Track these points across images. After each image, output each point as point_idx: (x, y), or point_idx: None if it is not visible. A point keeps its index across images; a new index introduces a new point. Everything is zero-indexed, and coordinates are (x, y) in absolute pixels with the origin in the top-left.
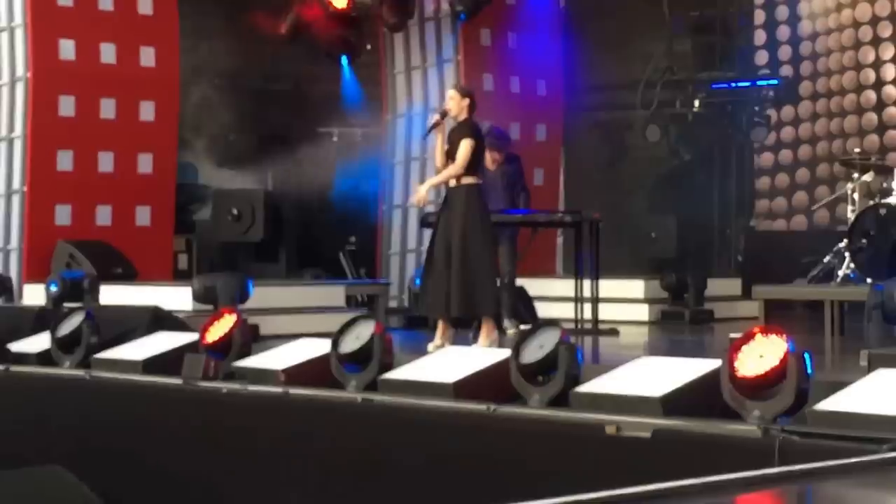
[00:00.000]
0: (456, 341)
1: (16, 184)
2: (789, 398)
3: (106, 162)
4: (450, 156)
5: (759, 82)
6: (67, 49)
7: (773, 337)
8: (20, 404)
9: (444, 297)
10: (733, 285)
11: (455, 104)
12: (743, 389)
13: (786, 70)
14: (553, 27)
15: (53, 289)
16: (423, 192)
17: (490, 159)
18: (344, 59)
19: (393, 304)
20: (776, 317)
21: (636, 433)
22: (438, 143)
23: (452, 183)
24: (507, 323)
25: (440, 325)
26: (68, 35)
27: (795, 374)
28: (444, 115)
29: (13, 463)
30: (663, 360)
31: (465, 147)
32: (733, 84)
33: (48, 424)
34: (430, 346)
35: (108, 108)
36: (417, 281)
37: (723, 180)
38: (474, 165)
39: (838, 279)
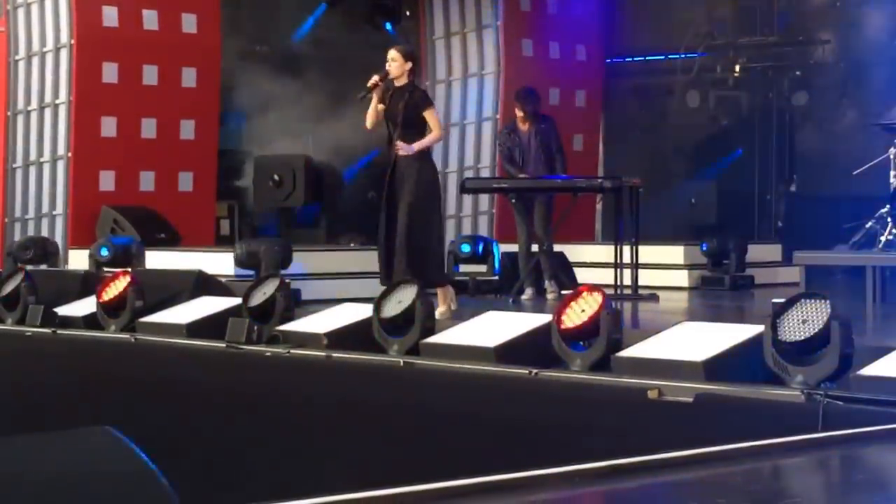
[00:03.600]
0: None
1: (60, 150)
2: (833, 363)
3: (149, 128)
4: (390, 119)
5: (800, 46)
6: (110, 16)
7: (815, 302)
8: (67, 367)
9: (387, 266)
10: (773, 251)
11: (397, 67)
12: (786, 354)
13: (826, 34)
14: None
15: (105, 254)
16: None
17: (519, 119)
18: (388, 25)
19: None
20: (817, 283)
21: (678, 398)
22: (373, 104)
23: (402, 154)
24: (548, 284)
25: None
26: (111, 2)
27: (839, 339)
28: (383, 77)
29: (60, 424)
30: (705, 325)
31: (434, 118)
32: (773, 48)
33: (94, 387)
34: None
35: (150, 75)
36: (464, 247)
37: (763, 145)
38: (422, 133)
39: (880, 245)
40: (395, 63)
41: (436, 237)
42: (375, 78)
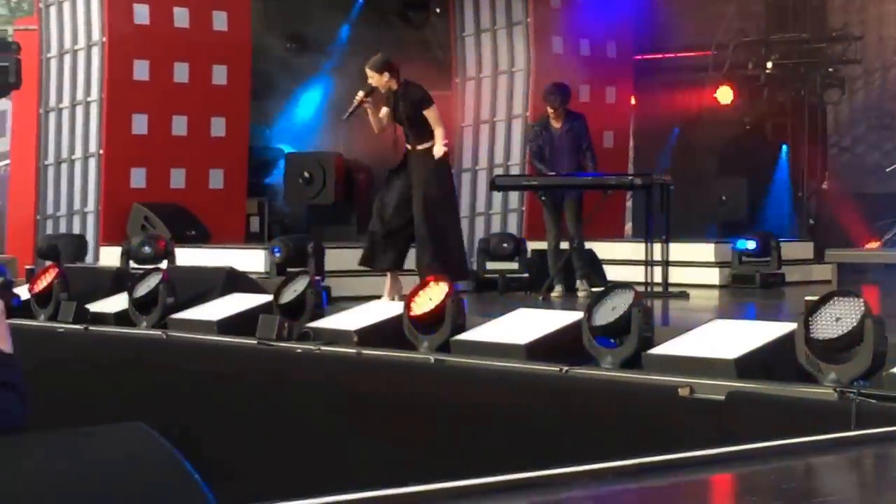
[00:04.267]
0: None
1: (92, 147)
2: (866, 361)
3: (179, 125)
4: (399, 122)
5: (833, 42)
6: (142, 14)
7: (849, 299)
8: (99, 364)
9: (383, 252)
10: (805, 248)
11: (376, 81)
12: (819, 352)
13: (858, 30)
14: None
15: (147, 251)
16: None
17: (551, 116)
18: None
19: None
20: (849, 280)
21: (710, 395)
22: (371, 113)
23: (409, 147)
24: (579, 283)
25: (388, 277)
26: (142, 0)
27: (872, 337)
28: (369, 92)
29: (92, 420)
30: (736, 322)
31: (432, 114)
32: (806, 45)
33: (126, 383)
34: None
35: (181, 72)
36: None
37: (795, 142)
38: (432, 131)
39: None
40: (373, 79)
41: (452, 225)
42: (360, 94)
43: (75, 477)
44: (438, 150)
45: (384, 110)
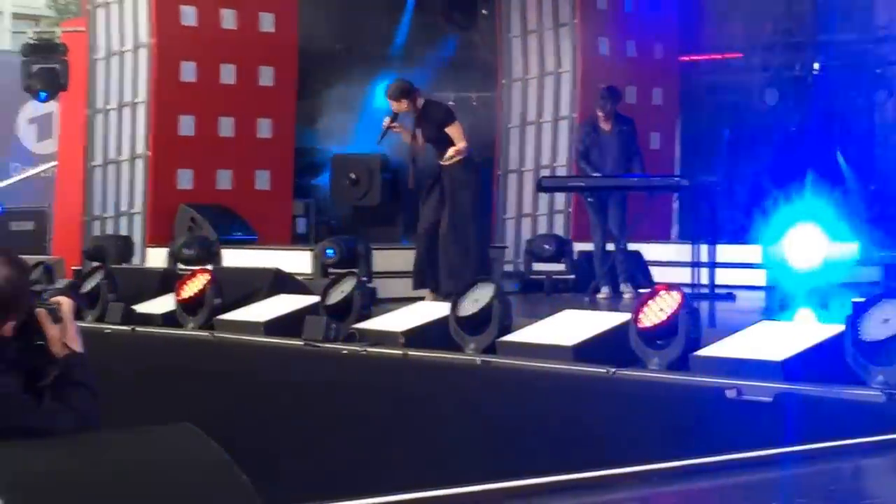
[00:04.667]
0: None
1: (139, 148)
2: None
3: (226, 126)
4: (429, 142)
5: (881, 42)
6: (189, 15)
7: None
8: (146, 365)
9: (428, 267)
10: (852, 250)
11: (397, 107)
12: (867, 354)
13: None
14: None
15: (187, 252)
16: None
17: (601, 118)
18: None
19: (508, 268)
20: None
21: (757, 397)
22: (405, 137)
23: (442, 162)
24: (623, 286)
25: (427, 294)
26: (190, 2)
27: None
28: (394, 117)
29: (139, 421)
30: (783, 324)
31: (454, 130)
32: (853, 46)
33: (172, 384)
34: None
35: (228, 74)
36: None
37: (842, 144)
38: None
39: None
40: (394, 106)
41: (474, 242)
42: (387, 120)
43: (126, 476)
44: (452, 153)
45: (406, 134)
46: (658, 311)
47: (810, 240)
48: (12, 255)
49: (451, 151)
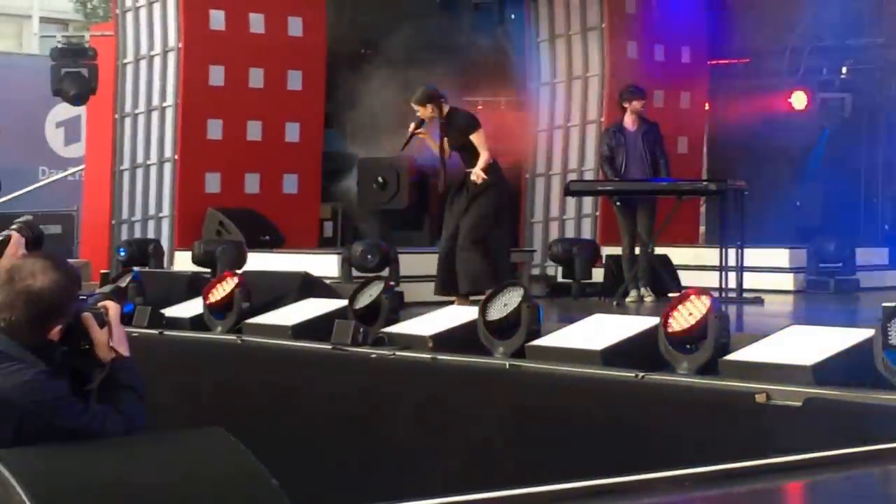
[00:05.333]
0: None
1: (167, 152)
2: None
3: (254, 130)
4: (454, 149)
5: None
6: (217, 19)
7: None
8: (174, 368)
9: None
10: (880, 254)
11: (423, 113)
12: None
13: None
14: None
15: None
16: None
17: (627, 119)
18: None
19: (535, 271)
20: None
21: (787, 402)
22: (430, 143)
23: (468, 170)
24: (643, 291)
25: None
26: (218, 6)
27: None
28: (419, 124)
29: (168, 425)
30: (813, 328)
31: (478, 139)
32: (881, 49)
33: (201, 388)
34: None
35: (256, 78)
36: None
37: (870, 148)
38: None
39: None
40: (419, 112)
41: (495, 248)
42: (412, 126)
43: (157, 479)
44: (478, 174)
45: (430, 141)
46: (687, 315)
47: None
48: (60, 259)
49: (477, 169)
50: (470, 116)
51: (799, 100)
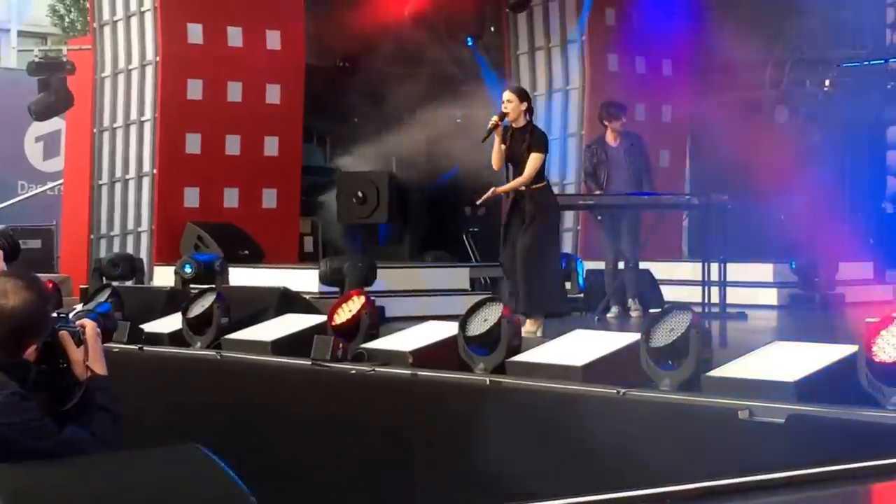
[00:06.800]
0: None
1: (146, 166)
2: None
3: (233, 145)
4: (510, 160)
5: (892, 59)
6: (195, 33)
7: None
8: (153, 384)
9: (513, 295)
10: (865, 269)
11: (514, 108)
12: (881, 375)
13: None
14: (678, 6)
15: (188, 271)
16: (490, 195)
17: (608, 134)
18: (469, 41)
19: None
20: None
21: (770, 418)
22: (496, 145)
23: (522, 189)
24: (631, 303)
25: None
26: (196, 19)
27: None
28: (502, 117)
29: (147, 441)
30: (796, 344)
31: (534, 161)
32: (865, 62)
33: (180, 404)
34: (523, 331)
35: (234, 92)
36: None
37: (854, 161)
38: (541, 173)
39: None
40: (512, 104)
41: (551, 269)
42: (494, 118)
43: (134, 497)
44: (503, 189)
45: (498, 139)
46: (668, 331)
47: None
48: (31, 278)
49: (510, 185)
50: (545, 136)
51: (781, 112)
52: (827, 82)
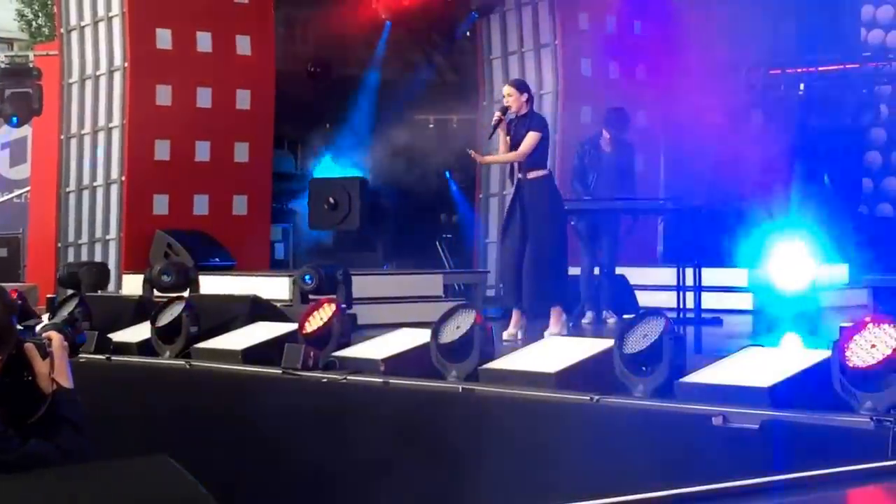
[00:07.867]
0: (529, 329)
1: (114, 173)
2: None
3: (203, 151)
4: (515, 148)
5: (866, 65)
6: (164, 38)
7: (885, 326)
8: (121, 394)
9: (517, 288)
10: (841, 272)
11: (514, 100)
12: (854, 380)
13: (893, 52)
14: (651, 10)
15: (166, 279)
16: (474, 156)
17: (605, 140)
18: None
19: (490, 293)
20: (886, 306)
21: (743, 424)
22: (501, 139)
23: (521, 176)
24: (605, 313)
25: (514, 313)
26: (165, 25)
27: None
28: (504, 111)
29: (115, 452)
30: (770, 349)
31: (530, 138)
32: (838, 67)
33: (149, 414)
34: (504, 335)
35: (204, 97)
36: None
37: (830, 165)
38: (542, 158)
39: None
40: (512, 97)
41: (559, 261)
42: (497, 114)
43: None
44: (483, 158)
45: (503, 135)
46: (642, 336)
47: (797, 262)
48: None
49: (492, 157)
50: (544, 120)
51: (756, 117)
52: (801, 87)
